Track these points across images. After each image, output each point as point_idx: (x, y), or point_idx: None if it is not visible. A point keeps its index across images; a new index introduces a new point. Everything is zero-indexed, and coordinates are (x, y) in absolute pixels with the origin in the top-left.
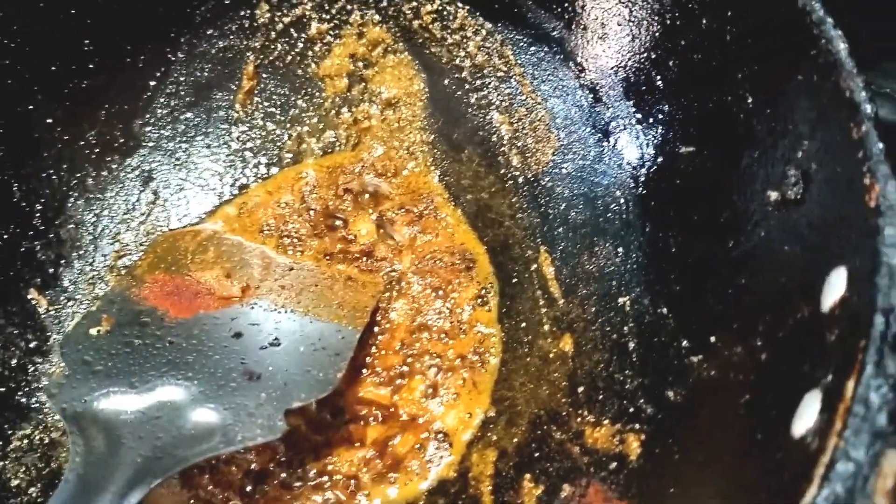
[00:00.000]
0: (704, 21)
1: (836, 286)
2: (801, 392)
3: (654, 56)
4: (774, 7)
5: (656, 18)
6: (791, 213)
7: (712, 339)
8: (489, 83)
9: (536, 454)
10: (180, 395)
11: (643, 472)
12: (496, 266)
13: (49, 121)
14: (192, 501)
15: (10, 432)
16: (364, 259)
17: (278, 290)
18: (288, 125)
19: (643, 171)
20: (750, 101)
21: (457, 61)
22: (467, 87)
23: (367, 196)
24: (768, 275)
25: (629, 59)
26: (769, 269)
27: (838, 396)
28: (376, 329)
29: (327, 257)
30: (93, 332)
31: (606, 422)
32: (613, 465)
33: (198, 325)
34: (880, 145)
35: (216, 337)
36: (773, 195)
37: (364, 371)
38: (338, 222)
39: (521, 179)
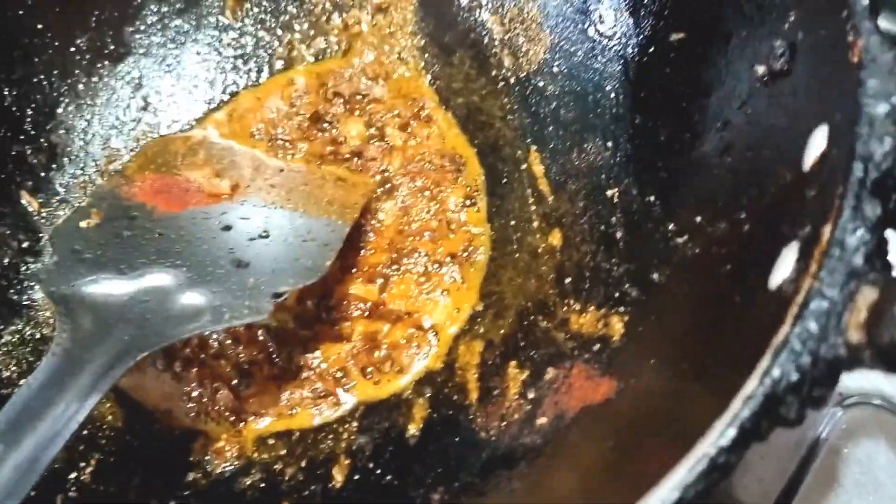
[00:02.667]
0: None
1: (816, 144)
2: (777, 249)
3: None
4: None
5: None
6: (777, 85)
7: (698, 219)
8: None
9: (522, 343)
10: (168, 280)
11: (625, 350)
12: (486, 167)
13: (39, 26)
14: (183, 395)
15: (1, 327)
16: (354, 160)
17: (268, 189)
18: (278, 32)
19: (634, 63)
20: None
21: None
22: None
23: (357, 100)
24: (753, 150)
25: None
26: (754, 145)
27: (815, 243)
28: (366, 228)
29: (318, 159)
30: (82, 224)
31: (591, 308)
32: (597, 346)
33: (187, 219)
34: (864, 2)
35: (205, 229)
36: (761, 69)
37: (353, 270)
38: (327, 125)
39: (512, 80)
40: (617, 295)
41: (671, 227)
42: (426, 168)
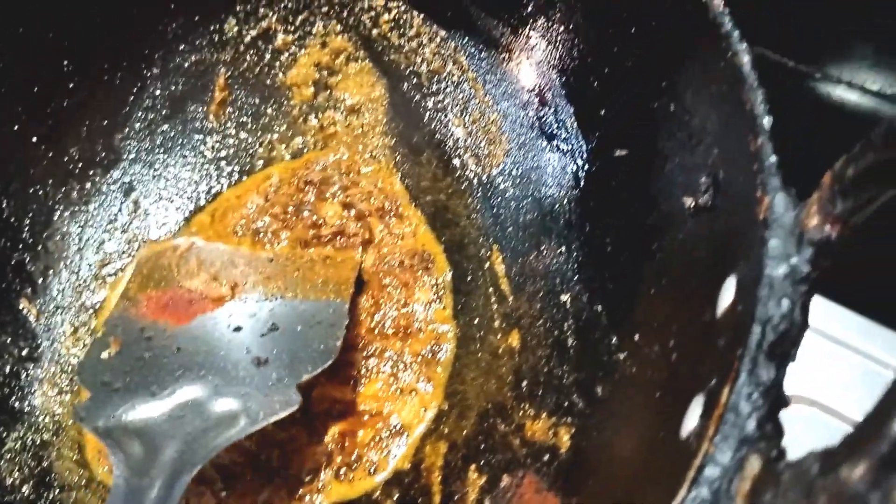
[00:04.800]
0: (633, 29)
1: (727, 294)
2: (692, 395)
3: (591, 61)
4: (690, 19)
5: (593, 25)
6: (702, 219)
7: (636, 336)
8: (445, 88)
9: (482, 446)
10: (199, 392)
11: (570, 465)
12: (452, 265)
13: (34, 139)
14: None
15: (4, 434)
16: (338, 239)
17: (265, 282)
18: (259, 133)
19: (583, 172)
20: (672, 108)
21: (414, 67)
22: (425, 91)
23: (330, 185)
24: (683, 278)
25: (570, 64)
26: (684, 273)
27: (715, 402)
28: (359, 307)
29: (302, 245)
30: (104, 355)
31: (544, 415)
32: (546, 456)
33: (199, 328)
34: (773, 158)
35: (218, 334)
36: (689, 201)
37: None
38: (305, 212)
39: (475, 181)
40: (566, 404)
41: (614, 340)
42: (396, 268)
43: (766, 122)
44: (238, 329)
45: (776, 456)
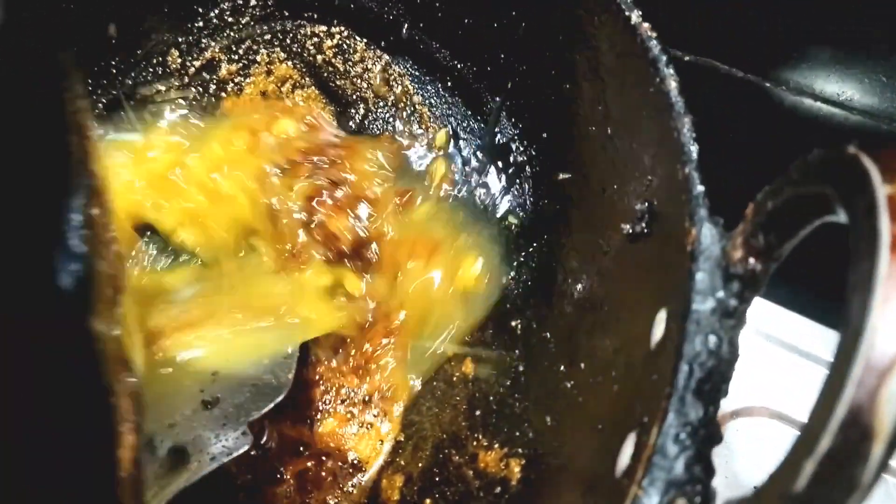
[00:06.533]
0: (569, 53)
1: (659, 328)
2: (627, 431)
3: (531, 83)
4: (620, 43)
5: (531, 49)
6: (640, 247)
7: (582, 365)
8: (392, 111)
9: (437, 478)
10: (150, 435)
11: (520, 499)
12: None
13: None
14: None
15: None
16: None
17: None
18: None
19: (530, 195)
20: (609, 132)
21: (361, 92)
22: (372, 117)
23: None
24: (623, 307)
25: (512, 85)
26: (624, 302)
27: (645, 442)
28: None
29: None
30: None
31: (496, 445)
32: (498, 489)
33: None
34: (700, 188)
35: (170, 377)
36: (626, 227)
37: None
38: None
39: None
40: (517, 434)
41: (562, 368)
42: None
43: (693, 150)
44: (190, 367)
45: (703, 500)
